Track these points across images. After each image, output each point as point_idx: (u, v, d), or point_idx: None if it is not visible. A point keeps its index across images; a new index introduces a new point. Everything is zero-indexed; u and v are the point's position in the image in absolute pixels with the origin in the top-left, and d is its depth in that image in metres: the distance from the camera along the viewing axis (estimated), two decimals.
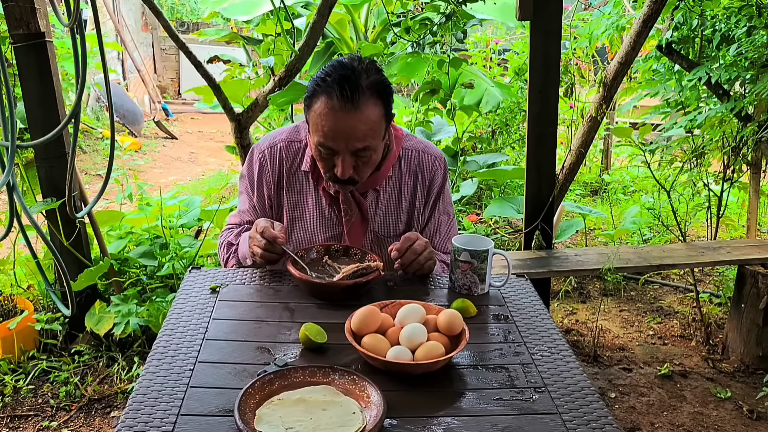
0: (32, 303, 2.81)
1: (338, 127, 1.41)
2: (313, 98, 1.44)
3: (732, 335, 2.89)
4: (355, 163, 1.47)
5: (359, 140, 1.42)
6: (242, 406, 0.98)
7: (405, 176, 1.65)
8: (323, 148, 1.45)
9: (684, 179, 3.47)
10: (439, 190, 1.68)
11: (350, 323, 1.20)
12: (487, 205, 4.43)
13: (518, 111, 4.35)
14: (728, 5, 2.99)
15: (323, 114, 1.41)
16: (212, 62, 3.83)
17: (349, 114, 1.39)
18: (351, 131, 1.41)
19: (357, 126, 1.41)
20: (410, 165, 1.66)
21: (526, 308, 1.41)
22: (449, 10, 2.89)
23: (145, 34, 9.69)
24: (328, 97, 1.40)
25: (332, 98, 1.39)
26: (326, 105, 1.40)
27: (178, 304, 1.36)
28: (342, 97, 1.38)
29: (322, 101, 1.41)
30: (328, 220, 1.63)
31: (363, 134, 1.42)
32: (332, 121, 1.40)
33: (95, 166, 6.12)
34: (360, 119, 1.41)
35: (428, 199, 1.68)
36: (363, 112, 1.40)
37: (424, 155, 1.67)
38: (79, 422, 2.34)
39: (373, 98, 1.42)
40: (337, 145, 1.43)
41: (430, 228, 1.69)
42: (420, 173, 1.66)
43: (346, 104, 1.39)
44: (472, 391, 1.09)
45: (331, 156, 1.46)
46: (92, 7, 2.24)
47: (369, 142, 1.44)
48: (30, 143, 2.36)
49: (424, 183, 1.66)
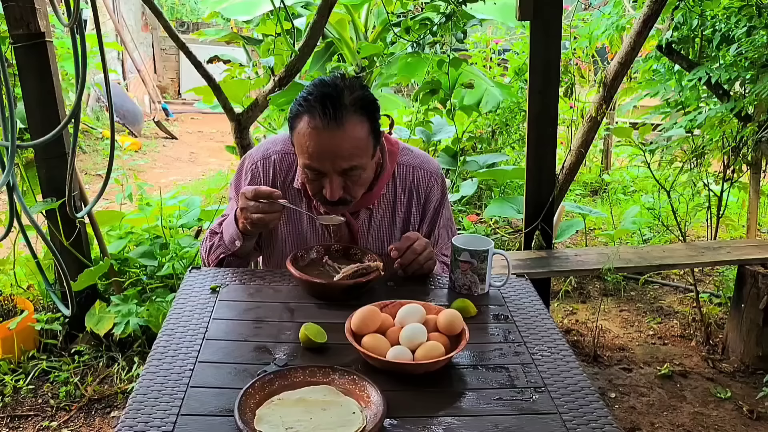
0: (32, 303, 2.81)
1: (323, 147, 1.36)
2: (296, 119, 1.40)
3: (732, 335, 2.89)
4: (344, 183, 1.42)
5: (345, 159, 1.38)
6: (242, 406, 0.98)
7: (399, 193, 1.61)
8: (310, 170, 1.42)
9: (684, 179, 3.47)
10: (437, 207, 1.65)
11: (350, 323, 1.20)
12: (487, 205, 4.43)
13: (518, 111, 4.35)
14: (728, 5, 2.99)
15: (306, 134, 1.37)
16: (212, 62, 3.83)
17: (332, 132, 1.35)
18: (336, 150, 1.37)
19: (342, 145, 1.37)
20: (405, 182, 1.62)
21: (526, 308, 1.41)
22: (449, 10, 2.88)
23: (145, 34, 9.69)
24: (311, 116, 1.36)
25: (314, 117, 1.35)
26: (309, 124, 1.36)
27: (178, 304, 1.36)
28: (324, 115, 1.34)
29: (305, 121, 1.37)
30: (320, 237, 1.61)
31: (349, 153, 1.38)
32: (316, 142, 1.36)
33: (95, 166, 6.12)
34: (344, 138, 1.36)
35: (424, 216, 1.65)
36: (347, 130, 1.36)
37: (419, 171, 1.63)
38: (79, 422, 2.34)
39: (357, 115, 1.38)
40: (323, 165, 1.39)
41: (431, 241, 1.67)
42: (415, 190, 1.63)
43: (329, 123, 1.34)
44: (472, 391, 1.09)
45: (318, 178, 1.42)
46: (92, 7, 2.24)
47: (356, 161, 1.39)
48: (30, 143, 2.36)
49: (419, 200, 1.63)
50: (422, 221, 1.65)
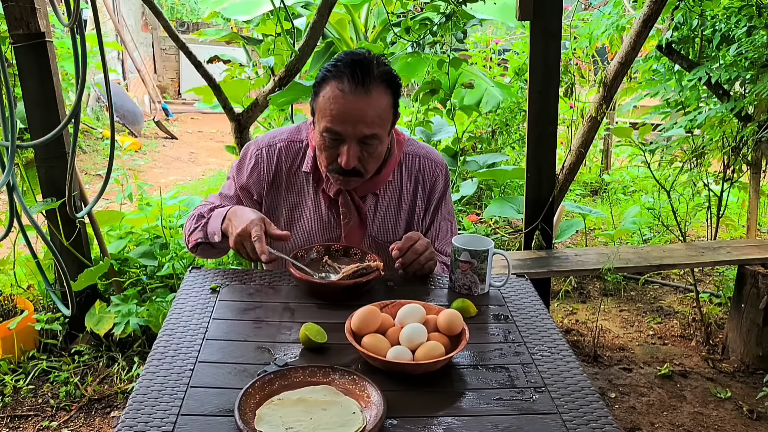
0: (32, 303, 2.81)
1: (347, 111, 1.37)
2: (322, 84, 1.41)
3: (732, 335, 2.89)
4: (360, 153, 1.43)
5: (368, 126, 1.39)
6: (242, 406, 0.98)
7: (405, 181, 1.63)
8: (330, 134, 1.41)
9: (684, 179, 3.47)
10: (440, 197, 1.67)
11: (350, 323, 1.20)
12: (487, 205, 4.43)
13: (518, 111, 4.35)
14: (728, 5, 2.99)
15: (333, 97, 1.38)
16: (212, 62, 3.83)
17: (359, 98, 1.37)
18: (360, 115, 1.38)
19: (367, 111, 1.38)
20: (411, 170, 1.63)
21: (526, 308, 1.41)
22: (449, 10, 2.89)
23: (145, 34, 9.69)
24: (339, 80, 1.38)
25: (343, 82, 1.37)
26: (336, 88, 1.38)
27: (178, 304, 1.36)
28: (353, 80, 1.36)
29: (332, 85, 1.38)
30: (326, 223, 1.61)
31: (371, 120, 1.39)
32: (341, 105, 1.37)
33: (95, 166, 6.12)
34: (370, 104, 1.38)
35: (429, 205, 1.66)
36: (373, 97, 1.38)
37: (425, 161, 1.65)
38: (79, 422, 2.34)
39: (383, 86, 1.40)
40: (345, 129, 1.39)
41: (432, 233, 1.68)
42: (421, 178, 1.64)
43: (357, 87, 1.36)
44: (472, 391, 1.09)
45: (336, 144, 1.42)
46: (92, 7, 2.24)
47: (377, 129, 1.41)
48: (30, 143, 2.36)
49: (424, 189, 1.65)
50: (426, 211, 1.66)
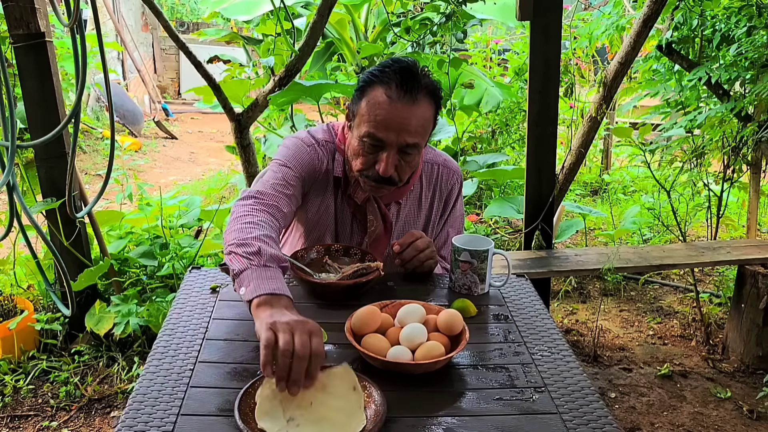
0: (32, 303, 2.81)
1: (393, 118, 1.37)
2: (368, 88, 1.40)
3: (732, 335, 2.89)
4: (398, 162, 1.42)
5: (411, 135, 1.39)
6: (242, 406, 0.98)
7: (425, 189, 1.63)
8: (371, 140, 1.40)
9: (684, 179, 3.47)
10: (453, 204, 1.68)
11: (350, 323, 1.20)
12: (487, 205, 4.43)
13: (518, 111, 4.35)
14: (728, 5, 2.99)
15: (379, 103, 1.37)
16: (212, 62, 3.83)
17: (406, 106, 1.37)
18: (405, 124, 1.38)
19: (411, 120, 1.38)
20: (430, 178, 1.64)
21: (526, 308, 1.41)
22: (449, 10, 2.89)
23: (145, 34, 9.69)
24: (387, 86, 1.37)
25: (391, 88, 1.37)
26: (384, 94, 1.37)
27: (178, 304, 1.36)
28: (401, 87, 1.36)
29: (380, 91, 1.38)
30: (348, 230, 1.60)
31: (415, 129, 1.39)
32: (388, 111, 1.37)
33: (95, 166, 6.12)
34: (416, 113, 1.38)
35: (444, 213, 1.68)
36: (420, 106, 1.38)
37: (443, 169, 1.66)
38: (79, 422, 2.34)
39: (428, 98, 1.41)
40: (388, 136, 1.38)
41: (439, 241, 1.69)
42: (438, 187, 1.65)
43: (405, 95, 1.36)
44: (472, 391, 1.09)
45: (375, 151, 1.41)
46: (92, 7, 2.24)
47: (418, 139, 1.41)
48: (30, 143, 2.36)
49: (441, 197, 1.66)
50: (440, 218, 1.68)
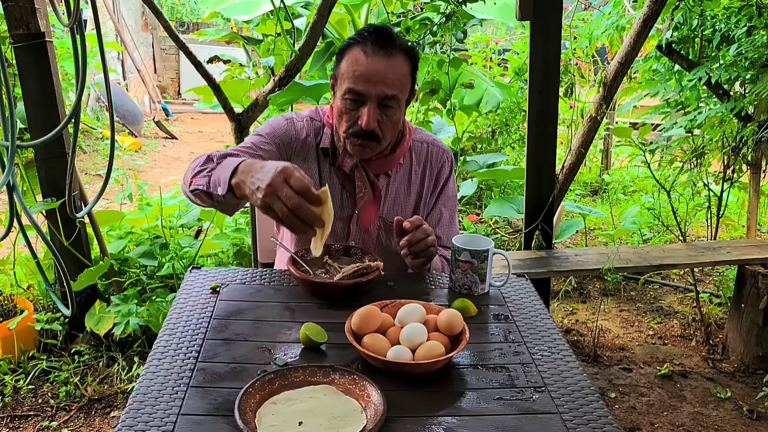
0: (32, 303, 2.81)
1: (370, 71, 1.44)
2: (347, 49, 1.49)
3: (732, 335, 2.89)
4: (380, 116, 1.48)
5: (388, 86, 1.45)
6: (242, 406, 0.98)
7: (415, 166, 1.67)
8: (352, 95, 1.46)
9: (684, 179, 3.48)
10: (444, 183, 1.71)
11: (350, 323, 1.20)
12: (487, 205, 4.43)
13: (518, 111, 4.35)
14: (728, 5, 2.99)
15: (356, 60, 1.45)
16: (212, 62, 3.82)
17: (381, 59, 1.44)
18: (382, 76, 1.44)
19: (388, 72, 1.45)
20: (420, 156, 1.68)
21: (526, 308, 1.41)
22: (449, 10, 2.89)
23: (145, 34, 9.69)
24: (363, 44, 1.46)
25: (367, 44, 1.45)
26: (360, 50, 1.45)
27: (179, 304, 1.36)
28: (377, 43, 1.44)
29: (356, 49, 1.46)
30: (339, 201, 1.63)
31: (392, 82, 1.45)
32: (364, 65, 1.44)
33: (95, 166, 6.12)
34: (391, 66, 1.45)
35: (434, 191, 1.70)
36: (395, 61, 1.46)
37: (433, 147, 1.71)
38: (79, 422, 2.34)
39: (403, 55, 1.48)
40: (367, 89, 1.45)
41: (432, 219, 1.70)
42: (429, 164, 1.69)
43: (380, 50, 1.44)
44: (472, 391, 1.09)
45: (357, 106, 1.48)
46: (92, 7, 2.24)
47: (396, 92, 1.47)
48: (30, 143, 2.36)
49: (432, 174, 1.69)
50: (431, 196, 1.70)
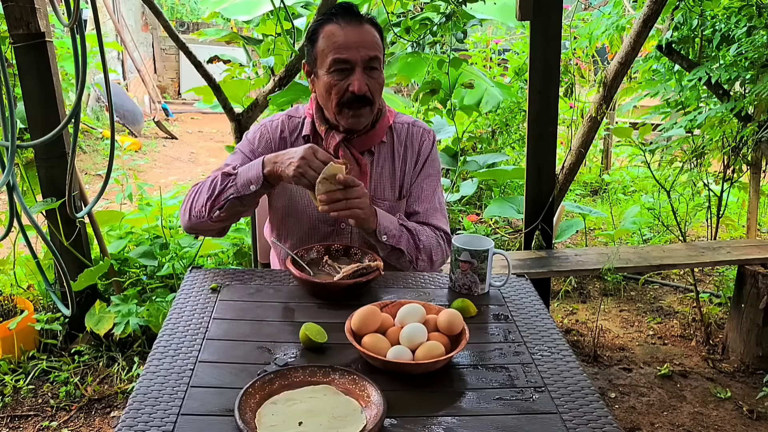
0: (32, 303, 2.81)
1: (350, 38, 1.52)
2: (318, 29, 1.55)
3: (732, 335, 2.89)
4: (368, 80, 1.55)
5: (370, 49, 1.53)
6: (242, 406, 0.98)
7: (397, 146, 1.72)
8: (338, 64, 1.52)
9: (684, 179, 3.47)
10: (425, 158, 1.74)
11: (350, 323, 1.20)
12: (487, 205, 4.43)
13: (518, 111, 4.35)
14: (728, 5, 2.99)
15: (333, 33, 1.53)
16: (212, 62, 3.82)
17: (356, 27, 1.53)
18: (362, 40, 1.53)
19: (365, 36, 1.53)
20: (401, 136, 1.73)
21: (526, 308, 1.41)
22: (449, 10, 2.88)
23: (145, 34, 9.69)
24: (334, 20, 1.53)
25: (338, 19, 1.53)
26: (333, 25, 1.53)
27: (179, 304, 1.36)
28: (346, 16, 1.53)
29: (329, 26, 1.54)
30: None
31: (371, 44, 1.54)
32: (343, 35, 1.52)
33: (95, 166, 6.12)
34: (366, 32, 1.54)
35: (417, 164, 1.74)
36: (367, 27, 1.55)
37: (414, 127, 1.75)
38: (79, 422, 2.34)
39: (369, 24, 1.56)
40: (351, 55, 1.52)
41: (413, 193, 1.72)
42: (410, 143, 1.73)
43: (352, 20, 1.53)
44: (472, 391, 1.09)
45: (345, 75, 1.53)
46: (92, 7, 2.24)
47: (377, 53, 1.55)
48: (30, 143, 2.36)
49: (414, 152, 1.73)
50: (414, 171, 1.74)
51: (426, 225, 1.67)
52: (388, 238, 1.56)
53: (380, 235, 1.54)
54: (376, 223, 1.53)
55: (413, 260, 1.62)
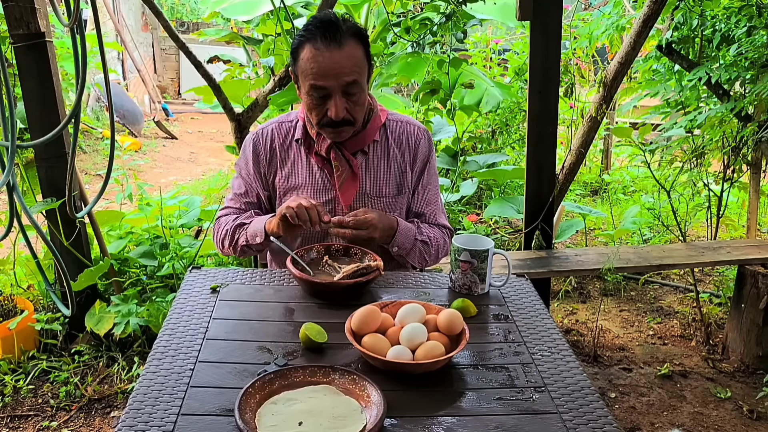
0: (32, 303, 2.81)
1: (327, 66, 1.49)
2: (299, 49, 1.53)
3: (732, 335, 2.89)
4: (347, 103, 1.54)
5: (347, 74, 1.50)
6: (242, 406, 0.98)
7: (392, 143, 1.73)
8: (316, 91, 1.52)
9: (684, 179, 3.47)
10: (425, 160, 1.76)
11: (350, 323, 1.20)
12: (487, 205, 4.43)
13: (518, 111, 4.35)
14: (728, 5, 2.99)
15: (310, 58, 1.49)
16: (212, 62, 3.82)
17: (334, 52, 1.48)
18: (338, 68, 1.49)
19: (343, 62, 1.49)
20: (395, 134, 1.74)
21: (526, 308, 1.41)
22: (449, 10, 2.88)
23: (145, 34, 9.69)
24: (313, 42, 1.49)
25: (316, 41, 1.49)
26: (312, 48, 1.49)
27: (179, 304, 1.36)
28: (325, 38, 1.48)
29: (308, 47, 1.50)
30: (321, 186, 1.68)
31: (350, 69, 1.50)
32: (320, 61, 1.49)
33: (95, 166, 6.12)
34: (345, 55, 1.49)
35: (414, 166, 1.75)
36: (346, 49, 1.50)
37: (407, 126, 1.76)
38: (79, 422, 2.35)
39: (353, 39, 1.52)
40: (327, 82, 1.50)
41: (419, 197, 1.76)
42: (405, 141, 1.74)
43: (330, 44, 1.48)
44: (472, 391, 1.09)
45: (323, 100, 1.53)
46: (92, 7, 2.23)
47: (356, 76, 1.52)
48: (30, 143, 2.36)
49: (410, 149, 1.74)
50: (413, 171, 1.76)
51: (434, 225, 1.75)
52: (399, 250, 1.65)
53: (392, 247, 1.64)
54: (392, 240, 1.62)
55: (420, 266, 1.72)
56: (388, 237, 1.61)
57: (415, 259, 1.68)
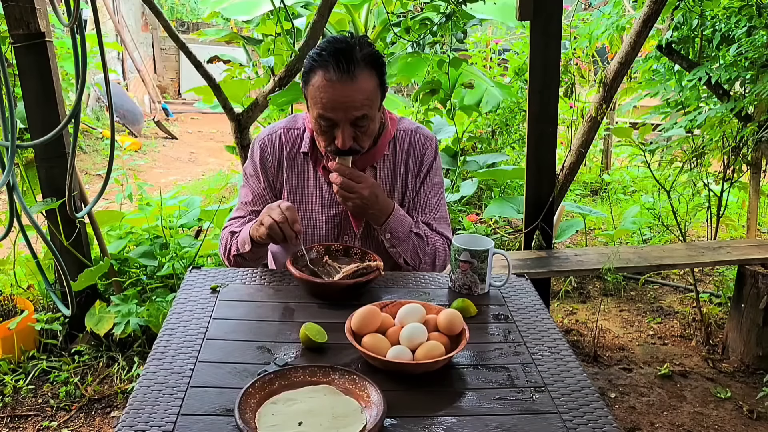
0: (32, 303, 2.81)
1: (336, 98, 1.45)
2: (311, 73, 1.49)
3: (732, 335, 2.89)
4: (354, 133, 1.51)
5: (357, 109, 1.47)
6: (242, 406, 0.98)
7: (399, 154, 1.70)
8: (323, 120, 1.49)
9: (684, 179, 3.47)
10: (429, 166, 1.73)
11: (350, 323, 1.20)
12: (487, 205, 4.43)
13: (518, 111, 4.35)
14: (728, 5, 2.99)
15: (321, 87, 1.45)
16: (212, 62, 3.83)
17: (345, 85, 1.44)
18: (349, 101, 1.46)
19: (354, 96, 1.45)
20: (404, 144, 1.71)
21: (526, 308, 1.41)
22: (449, 10, 2.89)
23: (145, 34, 9.69)
24: (325, 70, 1.45)
25: (329, 71, 1.44)
26: (324, 78, 1.45)
27: (179, 304, 1.36)
28: (338, 69, 1.43)
29: (320, 75, 1.46)
30: (328, 200, 1.66)
31: (360, 103, 1.47)
32: (330, 93, 1.45)
33: (95, 166, 6.12)
34: (357, 89, 1.45)
35: (418, 175, 1.72)
36: (359, 82, 1.45)
37: (416, 135, 1.72)
38: (79, 422, 2.35)
39: (367, 69, 1.47)
40: (336, 115, 1.47)
41: (418, 204, 1.72)
42: (412, 151, 1.71)
43: (343, 75, 1.43)
44: (472, 391, 1.10)
45: (331, 128, 1.50)
46: (92, 7, 2.23)
47: (366, 110, 1.48)
48: (30, 143, 2.36)
49: (416, 160, 1.71)
50: (416, 180, 1.73)
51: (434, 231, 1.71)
52: (392, 237, 1.60)
53: (384, 232, 1.60)
54: (384, 221, 1.58)
55: (415, 265, 1.66)
56: (381, 214, 1.58)
57: (408, 252, 1.62)
